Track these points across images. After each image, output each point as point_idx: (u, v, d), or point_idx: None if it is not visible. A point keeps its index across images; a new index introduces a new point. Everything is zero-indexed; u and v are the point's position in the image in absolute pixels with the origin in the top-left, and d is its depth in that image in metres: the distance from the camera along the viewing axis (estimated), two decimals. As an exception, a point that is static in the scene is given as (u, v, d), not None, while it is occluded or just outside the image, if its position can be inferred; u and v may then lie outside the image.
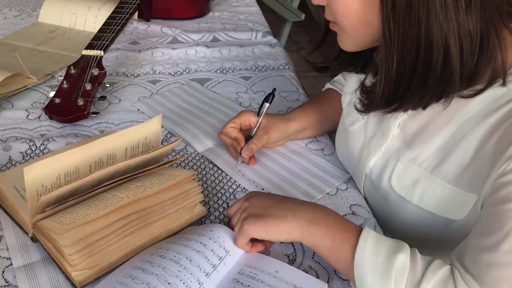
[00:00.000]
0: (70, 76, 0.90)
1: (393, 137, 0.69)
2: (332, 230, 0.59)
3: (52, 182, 0.61)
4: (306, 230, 0.59)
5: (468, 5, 0.54)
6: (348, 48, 0.67)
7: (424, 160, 0.65)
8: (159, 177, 0.67)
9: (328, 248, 0.59)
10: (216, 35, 1.21)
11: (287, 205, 0.62)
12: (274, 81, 1.05)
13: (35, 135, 0.84)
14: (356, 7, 0.60)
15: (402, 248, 0.56)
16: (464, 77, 0.57)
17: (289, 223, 0.60)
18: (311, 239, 0.60)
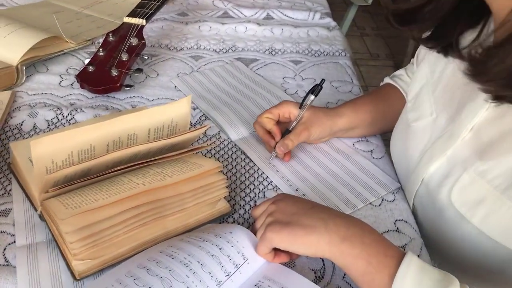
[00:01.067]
0: (107, 44, 0.85)
1: (463, 141, 0.58)
2: (369, 252, 0.50)
3: (64, 159, 0.56)
4: (337, 248, 0.50)
5: None
6: None
7: (496, 176, 0.53)
8: (182, 164, 0.60)
9: (362, 272, 0.50)
10: (270, 12, 1.12)
11: (319, 215, 0.53)
12: (327, 68, 0.95)
13: (65, 103, 0.80)
14: None
15: (451, 284, 0.46)
16: None
17: (318, 237, 0.51)
18: (342, 258, 0.51)
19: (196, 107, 0.82)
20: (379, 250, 0.50)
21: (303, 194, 0.67)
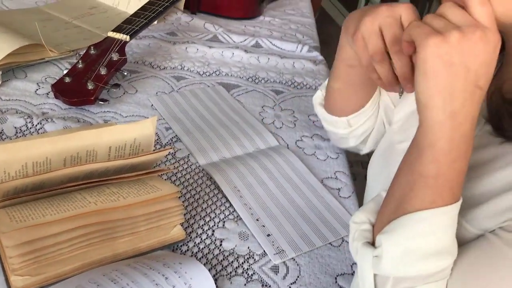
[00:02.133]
0: (88, 56, 0.84)
1: None
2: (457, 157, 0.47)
3: (17, 170, 0.55)
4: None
5: None
6: (497, 8, 0.47)
7: (464, 198, 0.53)
8: (140, 186, 0.59)
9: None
10: (259, 40, 1.12)
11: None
12: (307, 101, 0.95)
13: (37, 112, 0.79)
14: None
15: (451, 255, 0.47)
16: None
17: None
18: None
19: (169, 128, 0.81)
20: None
21: (262, 225, 0.65)
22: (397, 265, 0.47)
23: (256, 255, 0.62)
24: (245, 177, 0.73)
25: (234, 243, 0.63)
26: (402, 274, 0.47)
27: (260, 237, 0.64)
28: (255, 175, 0.74)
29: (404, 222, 0.47)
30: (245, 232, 0.65)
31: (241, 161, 0.75)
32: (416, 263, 0.46)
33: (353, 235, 0.53)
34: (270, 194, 0.71)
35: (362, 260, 0.50)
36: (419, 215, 0.46)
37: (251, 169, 0.74)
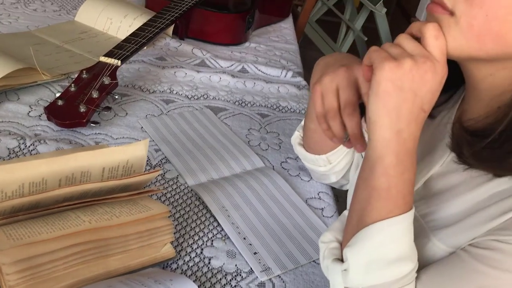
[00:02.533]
0: (80, 80, 0.87)
1: (416, 191, 0.62)
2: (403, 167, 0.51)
3: (14, 190, 0.57)
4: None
5: None
6: (451, 44, 0.51)
7: (433, 219, 0.57)
8: (132, 206, 0.62)
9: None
10: (245, 66, 1.17)
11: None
12: (291, 124, 0.99)
13: (29, 133, 0.81)
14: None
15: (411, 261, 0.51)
16: None
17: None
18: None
19: (158, 149, 0.84)
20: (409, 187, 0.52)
21: (249, 244, 0.68)
22: (363, 275, 0.51)
23: (243, 272, 0.65)
24: (233, 197, 0.76)
25: (222, 261, 0.66)
26: (370, 283, 0.50)
27: (247, 255, 0.67)
28: (242, 195, 0.77)
29: (365, 234, 0.51)
30: (232, 250, 0.68)
31: (228, 182, 0.78)
32: (381, 271, 0.50)
33: (323, 254, 0.57)
34: (256, 214, 0.74)
35: (333, 275, 0.54)
36: (378, 226, 0.51)
37: (238, 190, 0.77)
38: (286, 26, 1.47)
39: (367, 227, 0.51)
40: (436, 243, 0.55)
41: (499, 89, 0.52)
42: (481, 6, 0.46)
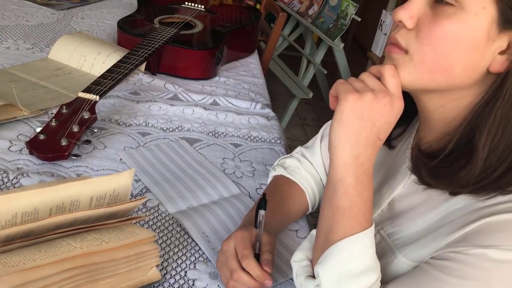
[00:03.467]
0: (60, 115, 0.91)
1: (382, 211, 0.69)
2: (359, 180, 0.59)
3: (7, 220, 0.59)
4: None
5: None
6: (404, 79, 0.58)
7: (399, 238, 0.64)
8: (119, 232, 0.65)
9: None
10: (216, 99, 1.23)
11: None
12: (263, 153, 1.05)
13: (12, 167, 0.83)
14: (458, 52, 0.54)
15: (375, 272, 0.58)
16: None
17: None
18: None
19: (138, 180, 0.88)
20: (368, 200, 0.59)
21: (230, 267, 0.72)
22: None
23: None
24: (212, 224, 0.80)
25: (205, 282, 0.70)
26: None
27: (228, 276, 0.71)
28: (221, 222, 0.81)
29: (332, 251, 0.58)
30: (215, 272, 0.72)
31: (207, 209, 0.83)
32: (350, 283, 0.56)
33: (296, 272, 0.63)
34: (235, 237, 0.78)
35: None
36: (344, 242, 0.57)
37: (216, 216, 0.82)
38: (253, 61, 1.55)
39: (334, 244, 0.58)
40: (401, 259, 0.62)
41: (449, 118, 0.60)
42: (430, 44, 0.54)
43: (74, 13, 1.65)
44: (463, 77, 0.55)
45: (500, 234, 0.52)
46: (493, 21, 0.52)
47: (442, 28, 0.54)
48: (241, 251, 0.66)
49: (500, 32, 0.53)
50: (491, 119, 0.54)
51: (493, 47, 0.54)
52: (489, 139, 0.53)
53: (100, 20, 1.62)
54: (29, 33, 1.41)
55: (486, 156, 0.54)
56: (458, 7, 0.53)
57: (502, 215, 0.53)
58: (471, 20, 0.52)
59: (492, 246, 0.52)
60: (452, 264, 0.54)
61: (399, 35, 0.58)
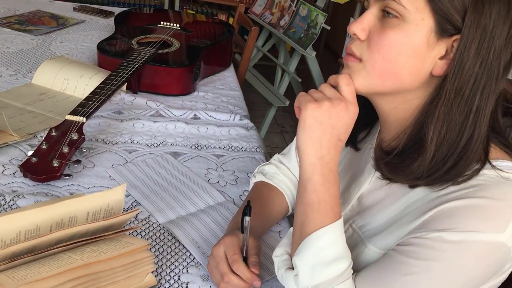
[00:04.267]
0: (50, 137, 0.96)
1: (352, 207, 0.76)
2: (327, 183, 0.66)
3: (12, 238, 0.64)
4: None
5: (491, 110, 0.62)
6: (359, 85, 0.66)
7: (368, 229, 0.72)
8: (116, 243, 0.71)
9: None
10: (197, 113, 1.29)
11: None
12: (244, 161, 1.11)
13: (7, 190, 0.88)
14: (403, 59, 0.61)
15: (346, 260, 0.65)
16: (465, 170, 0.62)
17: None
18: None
19: (128, 194, 0.93)
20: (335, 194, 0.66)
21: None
22: (310, 277, 0.64)
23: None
24: (200, 230, 0.86)
25: (198, 284, 0.75)
26: (316, 282, 0.63)
27: (219, 277, 0.77)
28: (208, 228, 0.87)
29: (306, 243, 0.65)
30: (206, 274, 0.77)
31: (195, 217, 0.89)
32: (324, 271, 0.63)
33: (277, 266, 0.70)
34: (222, 241, 0.84)
35: (287, 282, 0.67)
36: (316, 234, 0.64)
37: (204, 223, 0.88)
38: (229, 74, 1.61)
39: (307, 237, 0.65)
40: (371, 248, 0.69)
41: (402, 118, 0.68)
42: (379, 52, 0.62)
43: (52, 37, 1.69)
44: (409, 81, 0.63)
45: (452, 219, 0.59)
46: (432, 30, 0.60)
47: (388, 37, 0.62)
48: (231, 256, 0.73)
49: (439, 40, 0.61)
50: (436, 117, 0.61)
51: (433, 53, 0.61)
52: (435, 134, 0.61)
53: (79, 43, 1.67)
54: (11, 60, 1.45)
55: (435, 150, 0.61)
56: (402, 19, 0.61)
57: (453, 202, 0.61)
58: (412, 30, 0.60)
59: (447, 229, 0.59)
60: (413, 248, 0.61)
61: (354, 45, 0.66)
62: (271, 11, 2.93)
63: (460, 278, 0.59)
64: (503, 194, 0.61)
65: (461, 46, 0.59)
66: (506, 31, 0.59)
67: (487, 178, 0.62)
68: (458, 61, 0.59)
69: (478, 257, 0.59)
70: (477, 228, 0.59)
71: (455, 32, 0.60)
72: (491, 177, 0.63)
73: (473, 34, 0.58)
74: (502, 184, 0.62)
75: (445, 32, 0.60)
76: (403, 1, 0.60)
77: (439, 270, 0.59)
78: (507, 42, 0.59)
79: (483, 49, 0.58)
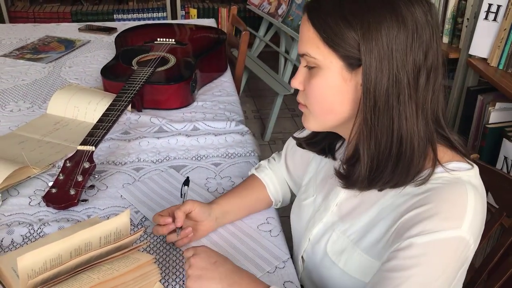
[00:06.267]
0: (65, 169, 1.10)
1: (332, 213, 0.87)
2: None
3: (40, 267, 0.79)
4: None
5: (423, 117, 0.72)
6: (311, 127, 0.81)
7: (352, 233, 0.82)
8: (126, 260, 0.85)
9: None
10: (196, 124, 1.41)
11: (218, 269, 0.80)
12: (240, 167, 1.23)
13: (34, 219, 1.03)
14: (331, 97, 0.74)
15: None
16: (415, 172, 0.73)
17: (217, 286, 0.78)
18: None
19: (138, 211, 1.07)
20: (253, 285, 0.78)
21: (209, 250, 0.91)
22: None
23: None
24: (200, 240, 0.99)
25: (199, 286, 0.89)
26: None
27: (217, 278, 0.90)
28: (208, 237, 1.00)
29: None
30: (206, 277, 0.91)
31: (195, 226, 1.02)
32: None
33: None
34: (218, 246, 0.97)
35: None
36: None
37: (204, 230, 1.01)
38: (226, 79, 1.73)
39: None
40: (360, 253, 0.80)
41: (353, 138, 0.78)
42: (312, 97, 0.74)
43: (62, 62, 1.83)
44: (344, 111, 0.74)
45: (417, 225, 0.70)
46: (342, 68, 0.71)
47: (314, 84, 0.74)
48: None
49: (351, 72, 0.72)
50: (363, 133, 0.73)
51: (352, 84, 0.72)
52: (365, 147, 0.72)
53: (86, 66, 1.81)
54: (27, 92, 1.60)
55: (369, 160, 0.72)
56: (318, 68, 0.73)
57: (414, 211, 0.72)
58: (327, 73, 0.72)
59: (414, 235, 0.70)
60: (393, 262, 0.71)
61: (299, 95, 0.79)
62: (269, 0, 3.00)
63: (437, 274, 0.69)
64: (454, 193, 0.71)
65: (364, 71, 0.70)
66: (404, 44, 0.68)
67: (441, 181, 0.73)
68: (364, 84, 0.70)
69: (446, 252, 0.69)
70: (439, 228, 0.69)
71: (359, 62, 0.70)
72: (444, 178, 0.73)
73: (370, 59, 0.68)
74: (453, 185, 0.72)
75: (352, 65, 0.71)
76: (313, 54, 0.72)
77: (419, 273, 0.69)
78: (407, 52, 0.69)
79: (385, 66, 0.69)
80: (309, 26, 0.72)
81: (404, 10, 0.68)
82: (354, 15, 0.68)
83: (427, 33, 0.69)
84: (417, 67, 0.69)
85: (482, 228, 0.74)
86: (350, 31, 0.68)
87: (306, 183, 0.98)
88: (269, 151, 2.74)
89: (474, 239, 0.70)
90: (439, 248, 0.68)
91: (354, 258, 0.81)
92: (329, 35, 0.70)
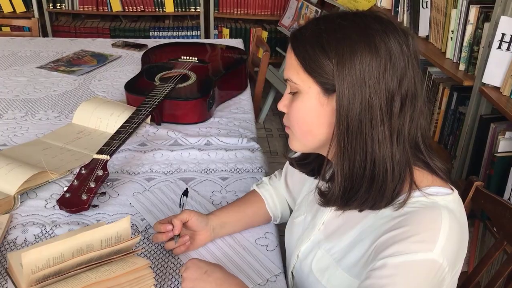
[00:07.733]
0: (80, 175, 1.17)
1: (319, 231, 0.91)
2: None
3: (43, 264, 0.85)
4: None
5: (398, 142, 0.75)
6: (295, 148, 0.85)
7: (335, 252, 0.86)
8: (124, 263, 0.90)
9: None
10: (210, 139, 1.47)
11: (209, 278, 0.83)
12: (246, 182, 1.28)
13: (47, 221, 1.10)
14: (309, 119, 0.78)
15: None
16: (390, 194, 0.76)
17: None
18: None
19: (143, 219, 1.13)
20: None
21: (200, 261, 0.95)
22: None
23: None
24: (198, 250, 1.04)
25: (192, 293, 0.93)
26: None
27: (209, 287, 0.94)
28: (206, 248, 1.04)
29: None
30: (199, 284, 0.95)
31: (196, 236, 1.06)
32: None
33: None
34: (214, 256, 1.02)
35: None
36: None
37: (203, 240, 1.05)
38: (244, 97, 1.78)
39: None
40: (341, 272, 0.83)
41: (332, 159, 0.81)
42: (293, 120, 0.79)
43: (92, 76, 1.94)
44: (322, 134, 0.78)
45: (391, 247, 0.73)
46: (319, 93, 0.75)
47: (295, 108, 0.78)
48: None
49: (328, 97, 0.76)
50: (337, 154, 0.77)
51: (329, 108, 0.76)
52: (340, 169, 0.76)
53: (115, 80, 1.91)
54: (56, 102, 1.70)
55: (342, 180, 0.76)
56: (299, 92, 0.78)
57: (390, 233, 0.74)
58: (306, 97, 0.77)
59: (388, 256, 0.73)
60: (370, 282, 0.73)
61: (284, 118, 0.84)
62: (298, 22, 3.07)
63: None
64: (429, 217, 0.73)
65: (337, 96, 0.73)
66: (376, 71, 0.72)
67: (418, 205, 0.75)
68: (337, 109, 0.74)
69: (419, 273, 0.71)
70: (411, 250, 0.71)
71: (334, 88, 0.74)
72: (421, 202, 0.75)
73: (343, 85, 0.72)
74: (429, 208, 0.74)
75: (328, 90, 0.75)
76: (294, 79, 0.76)
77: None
78: (379, 80, 0.72)
79: (357, 91, 0.72)
80: (292, 53, 0.77)
81: (378, 40, 0.71)
82: (330, 44, 0.72)
83: (401, 62, 0.72)
84: (390, 93, 0.72)
85: (461, 252, 0.76)
86: (326, 59, 0.73)
87: (300, 201, 1.02)
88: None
89: (448, 262, 0.72)
90: (411, 269, 0.70)
91: (336, 276, 0.84)
92: (308, 62, 0.74)
